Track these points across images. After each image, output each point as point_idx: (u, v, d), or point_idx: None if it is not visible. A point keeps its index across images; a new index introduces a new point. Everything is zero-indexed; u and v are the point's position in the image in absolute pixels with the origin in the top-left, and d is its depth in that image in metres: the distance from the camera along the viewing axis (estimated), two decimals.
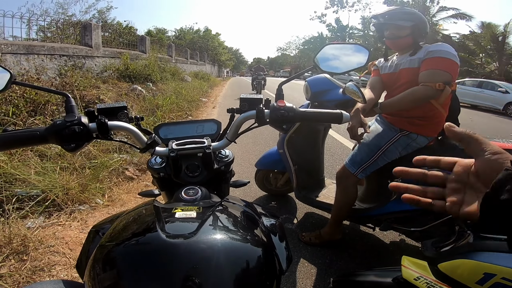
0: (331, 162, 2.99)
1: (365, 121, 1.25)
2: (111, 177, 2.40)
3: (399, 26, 1.33)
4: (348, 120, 0.65)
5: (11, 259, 1.42)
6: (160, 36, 17.25)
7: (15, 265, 1.39)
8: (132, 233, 0.45)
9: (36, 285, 0.50)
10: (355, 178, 1.46)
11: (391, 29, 1.37)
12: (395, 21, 1.33)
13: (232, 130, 0.68)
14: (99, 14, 10.96)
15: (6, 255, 1.42)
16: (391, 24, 1.35)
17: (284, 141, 1.75)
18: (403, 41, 1.35)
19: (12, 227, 1.55)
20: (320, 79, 1.59)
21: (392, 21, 1.34)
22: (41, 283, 0.50)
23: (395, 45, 1.40)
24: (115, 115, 0.63)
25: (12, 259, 1.42)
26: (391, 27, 1.36)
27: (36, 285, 0.50)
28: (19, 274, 1.33)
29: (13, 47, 3.96)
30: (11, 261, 1.40)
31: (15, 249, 1.47)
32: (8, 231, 1.53)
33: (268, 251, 0.46)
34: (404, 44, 1.36)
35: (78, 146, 0.56)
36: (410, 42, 1.34)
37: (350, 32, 41.43)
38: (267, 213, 0.59)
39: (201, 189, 0.58)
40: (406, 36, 1.33)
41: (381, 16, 1.38)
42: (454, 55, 1.24)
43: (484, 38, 17.00)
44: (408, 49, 1.36)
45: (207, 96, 9.19)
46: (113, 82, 5.52)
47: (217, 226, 0.44)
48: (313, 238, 1.68)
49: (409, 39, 1.34)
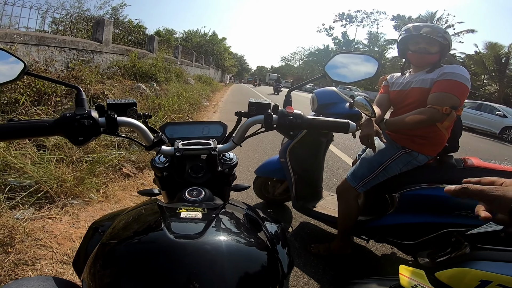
0: (328, 175, 2.99)
1: (379, 130, 1.24)
2: (108, 173, 2.38)
3: (434, 42, 1.30)
4: (354, 130, 0.65)
5: None
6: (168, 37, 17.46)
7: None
8: (135, 231, 0.45)
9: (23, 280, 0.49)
10: (356, 192, 1.46)
11: (423, 43, 1.32)
12: (434, 35, 1.29)
13: (239, 133, 0.68)
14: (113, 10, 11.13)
15: None
16: (426, 38, 1.30)
17: (286, 150, 1.75)
18: (431, 57, 1.32)
19: (0, 217, 1.51)
20: (328, 92, 1.60)
21: (431, 35, 1.29)
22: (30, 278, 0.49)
23: (421, 60, 1.36)
24: (124, 111, 0.62)
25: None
26: (425, 41, 1.31)
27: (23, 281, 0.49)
28: (1, 267, 1.29)
29: (25, 37, 3.99)
30: None
31: (0, 240, 1.43)
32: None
33: (271, 255, 0.46)
34: (431, 60, 1.33)
35: (85, 139, 0.55)
36: (436, 59, 1.33)
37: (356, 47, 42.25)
38: (268, 217, 0.59)
39: (204, 190, 0.58)
40: (435, 53, 1.32)
41: (419, 28, 1.32)
42: (467, 79, 1.23)
43: (488, 58, 17.00)
44: (428, 67, 1.34)
45: (209, 100, 9.23)
46: (118, 79, 5.56)
47: (222, 228, 0.44)
48: (322, 250, 1.67)
49: (436, 57, 1.32)
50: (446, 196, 1.53)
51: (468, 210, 1.25)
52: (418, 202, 1.36)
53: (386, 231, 1.46)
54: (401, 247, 1.50)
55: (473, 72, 17.74)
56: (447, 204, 1.29)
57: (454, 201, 1.29)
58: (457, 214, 1.27)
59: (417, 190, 1.36)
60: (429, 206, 1.34)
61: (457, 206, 1.27)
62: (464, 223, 1.23)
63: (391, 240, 1.48)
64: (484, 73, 18.02)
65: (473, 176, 1.47)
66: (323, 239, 1.81)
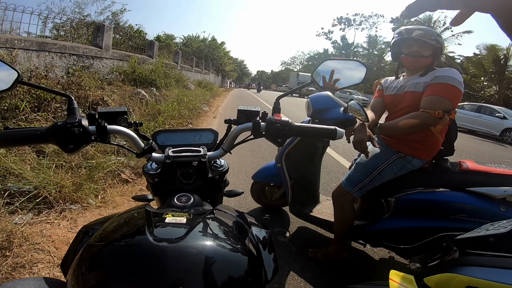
0: (327, 179, 2.98)
1: (372, 135, 1.24)
2: (106, 179, 2.39)
3: (427, 45, 1.29)
4: (341, 136, 0.66)
5: None
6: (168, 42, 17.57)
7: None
8: (121, 235, 0.45)
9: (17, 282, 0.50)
10: (351, 197, 1.46)
11: (416, 46, 1.32)
12: (426, 38, 1.28)
13: (228, 140, 0.69)
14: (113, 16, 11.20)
15: None
16: (419, 41, 1.30)
17: (282, 156, 1.75)
18: (424, 60, 1.32)
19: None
20: (322, 97, 1.60)
21: (423, 38, 1.29)
22: (23, 280, 0.50)
23: (414, 63, 1.36)
24: (115, 119, 0.64)
25: None
26: (418, 44, 1.31)
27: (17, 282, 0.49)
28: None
29: (26, 43, 4.02)
30: None
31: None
32: None
33: (254, 261, 0.46)
34: (423, 64, 1.33)
35: (76, 147, 0.57)
36: (429, 62, 1.33)
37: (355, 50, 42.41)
38: (258, 223, 0.60)
39: (193, 196, 0.59)
40: (428, 56, 1.31)
41: (410, 31, 1.32)
42: (460, 82, 1.23)
43: (487, 60, 16.91)
44: (422, 70, 1.34)
45: (209, 106, 9.27)
46: (118, 85, 5.58)
47: (206, 233, 0.44)
48: (319, 255, 1.67)
49: (429, 60, 1.32)
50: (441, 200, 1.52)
51: (464, 214, 1.26)
52: (414, 207, 1.36)
53: (382, 235, 1.47)
54: (397, 251, 1.50)
55: (472, 74, 17.73)
56: (443, 208, 1.30)
57: (450, 205, 1.29)
58: (453, 218, 1.27)
59: (413, 194, 1.37)
60: (425, 210, 1.34)
61: (453, 210, 1.28)
62: (460, 227, 1.23)
63: (387, 245, 1.48)
64: (483, 75, 17.99)
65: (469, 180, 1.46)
66: (321, 244, 1.80)
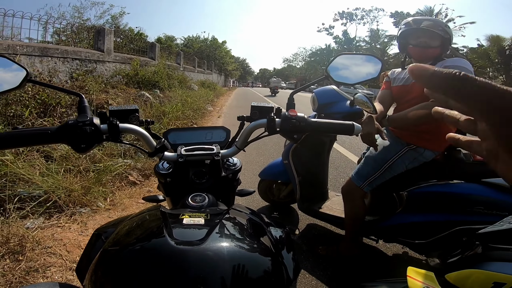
0: (335, 175, 2.95)
1: (380, 127, 1.22)
2: (114, 181, 2.40)
3: (435, 35, 1.27)
4: (359, 131, 0.64)
5: (6, 258, 1.41)
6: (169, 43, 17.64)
7: (10, 265, 1.37)
8: (137, 238, 0.44)
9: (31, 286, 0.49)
10: (361, 192, 1.43)
11: (424, 37, 1.29)
12: (435, 29, 1.26)
13: (242, 138, 0.67)
14: (113, 19, 11.27)
15: (1, 254, 1.41)
16: (427, 31, 1.27)
17: (289, 152, 1.73)
18: (432, 51, 1.30)
19: (11, 227, 1.54)
20: (328, 91, 1.58)
21: (432, 28, 1.26)
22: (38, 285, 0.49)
23: (422, 54, 1.33)
24: (126, 117, 0.62)
25: (8, 259, 1.41)
26: (426, 34, 1.29)
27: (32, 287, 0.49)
28: (12, 274, 1.32)
29: (28, 48, 4.07)
30: (6, 261, 1.39)
31: (12, 249, 1.46)
32: (6, 230, 1.52)
33: (276, 261, 0.45)
34: (431, 55, 1.31)
35: (88, 147, 0.55)
36: (437, 53, 1.30)
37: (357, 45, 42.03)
38: (273, 222, 0.58)
39: (208, 196, 0.57)
40: (436, 47, 1.29)
41: (419, 21, 1.30)
42: (470, 71, 1.20)
43: (491, 51, 16.76)
44: (430, 61, 1.32)
45: (213, 105, 9.28)
46: (122, 88, 5.62)
47: (225, 234, 0.43)
48: (330, 252, 1.64)
49: (437, 51, 1.30)
50: (456, 192, 1.47)
51: (480, 207, 1.22)
52: (428, 200, 1.33)
53: (396, 230, 1.43)
54: (412, 247, 1.46)
55: (479, 65, 17.47)
56: (458, 200, 1.26)
57: (466, 197, 1.25)
58: (469, 211, 1.23)
59: (426, 187, 1.33)
60: (439, 204, 1.30)
61: (469, 202, 1.23)
62: (477, 220, 1.19)
63: (401, 240, 1.45)
64: (489, 66, 17.71)
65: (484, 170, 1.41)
66: (331, 241, 1.78)
